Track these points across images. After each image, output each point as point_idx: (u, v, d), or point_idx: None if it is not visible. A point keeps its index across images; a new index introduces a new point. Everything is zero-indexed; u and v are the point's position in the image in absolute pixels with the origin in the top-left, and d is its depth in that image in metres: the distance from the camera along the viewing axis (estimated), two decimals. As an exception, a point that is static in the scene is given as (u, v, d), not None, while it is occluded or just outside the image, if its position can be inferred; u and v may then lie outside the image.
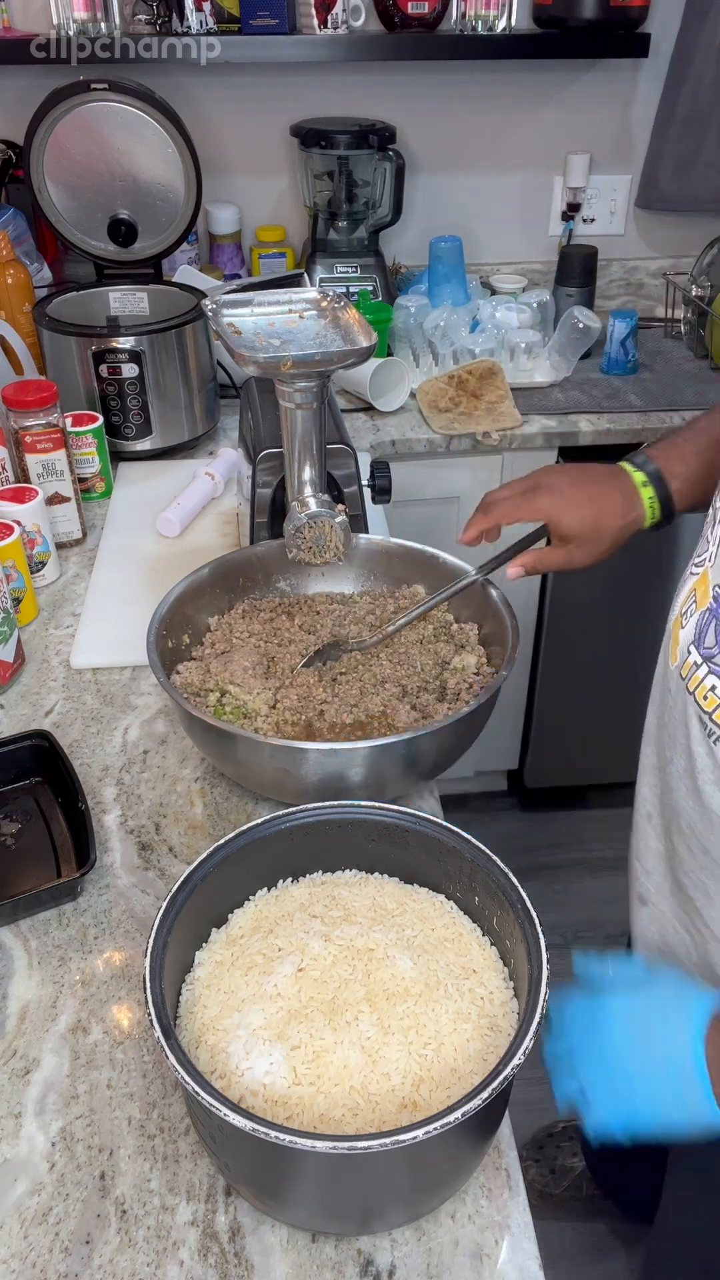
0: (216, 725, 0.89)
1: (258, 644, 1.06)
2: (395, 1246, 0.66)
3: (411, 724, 0.95)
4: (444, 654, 1.05)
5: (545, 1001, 0.63)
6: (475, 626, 1.07)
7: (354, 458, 1.20)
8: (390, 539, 1.15)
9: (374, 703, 0.98)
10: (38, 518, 1.29)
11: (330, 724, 0.96)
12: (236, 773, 0.98)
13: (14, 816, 0.99)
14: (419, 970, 0.70)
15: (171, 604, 1.04)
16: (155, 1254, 0.66)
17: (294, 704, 0.98)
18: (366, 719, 0.96)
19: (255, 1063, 0.65)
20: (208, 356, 1.66)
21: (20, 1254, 0.66)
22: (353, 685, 1.01)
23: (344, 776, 0.89)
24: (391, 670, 1.03)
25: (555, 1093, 0.73)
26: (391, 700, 0.98)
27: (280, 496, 1.17)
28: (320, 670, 1.03)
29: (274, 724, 0.97)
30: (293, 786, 0.92)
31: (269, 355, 0.92)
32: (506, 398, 1.85)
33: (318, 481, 1.04)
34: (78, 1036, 0.79)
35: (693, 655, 0.80)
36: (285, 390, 0.97)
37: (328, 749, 0.88)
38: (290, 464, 1.03)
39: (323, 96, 2.05)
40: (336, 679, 1.02)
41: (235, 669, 1.01)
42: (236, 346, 0.93)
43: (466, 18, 1.93)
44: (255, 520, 1.19)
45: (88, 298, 1.70)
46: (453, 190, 2.21)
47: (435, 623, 1.09)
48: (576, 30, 1.94)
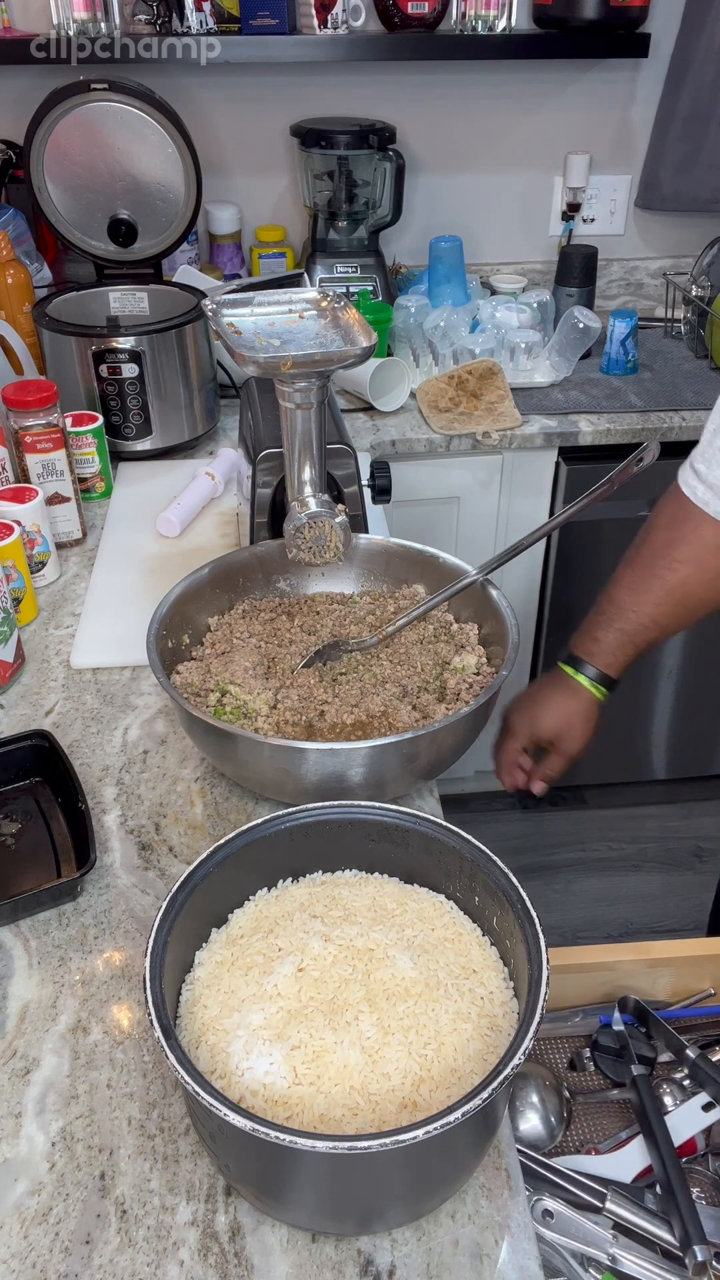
0: (217, 725, 0.89)
1: (259, 644, 1.06)
2: (395, 1246, 0.66)
3: (412, 724, 0.95)
4: (444, 654, 1.05)
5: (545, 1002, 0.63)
6: (475, 626, 1.07)
7: (354, 457, 1.20)
8: (390, 539, 1.15)
9: (375, 703, 0.98)
10: (38, 518, 1.29)
11: (331, 724, 0.96)
12: (236, 773, 0.98)
13: (14, 816, 0.99)
14: (419, 970, 0.70)
15: (171, 604, 1.04)
16: (155, 1254, 0.66)
17: (295, 704, 0.98)
18: (367, 719, 0.96)
19: (255, 1063, 0.65)
20: (208, 356, 1.66)
21: (20, 1254, 0.66)
22: (353, 685, 1.01)
23: (344, 776, 0.89)
24: (392, 670, 1.03)
25: None
26: (392, 700, 0.98)
27: (280, 496, 1.17)
28: (321, 670, 1.03)
29: (274, 724, 0.96)
30: (292, 786, 0.92)
31: (269, 355, 0.92)
32: (506, 398, 1.85)
33: (318, 481, 1.04)
34: (78, 1036, 0.79)
35: None
36: (285, 390, 0.97)
37: (327, 749, 0.88)
38: (290, 464, 1.03)
39: (323, 96, 2.05)
40: (337, 679, 1.02)
41: (236, 669, 1.01)
42: (237, 346, 0.93)
43: (466, 18, 1.93)
44: (255, 520, 1.19)
45: (88, 298, 1.70)
46: (453, 190, 2.21)
47: (435, 623, 1.09)
48: (576, 30, 1.94)
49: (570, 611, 2.02)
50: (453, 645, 1.06)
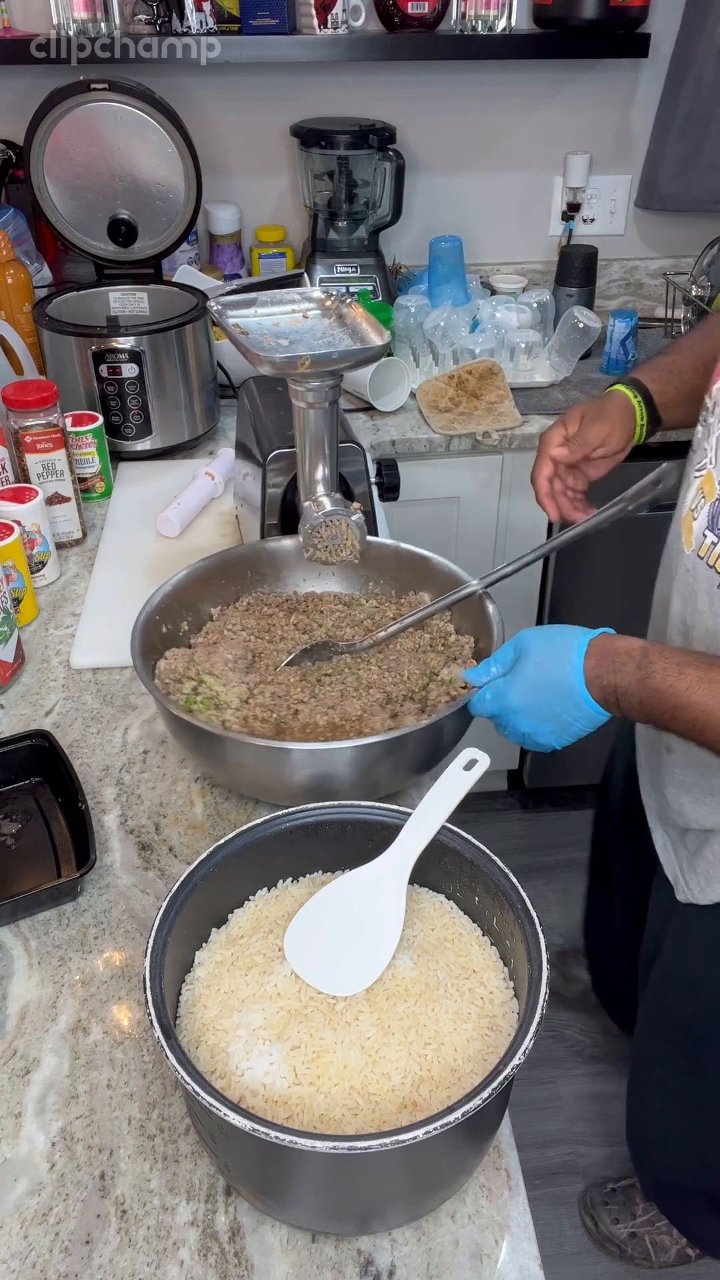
0: (172, 711, 0.90)
1: (248, 638, 1.06)
2: (395, 1246, 0.66)
3: (382, 731, 0.94)
4: (434, 664, 1.03)
5: (548, 978, 0.63)
6: (472, 640, 1.06)
7: (363, 455, 1.19)
8: (403, 544, 1.13)
9: (353, 707, 0.97)
10: (38, 518, 1.29)
11: (304, 724, 0.96)
12: (207, 767, 0.98)
13: (14, 816, 0.99)
14: (419, 970, 0.70)
15: (167, 594, 1.05)
16: (155, 1254, 0.66)
17: (268, 701, 0.98)
18: (341, 722, 0.95)
19: (255, 1063, 0.65)
20: (208, 356, 1.66)
21: (20, 1254, 0.66)
22: (334, 688, 1.00)
23: (284, 779, 0.89)
24: (379, 676, 1.02)
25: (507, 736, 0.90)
26: (372, 706, 0.97)
27: (291, 497, 1.16)
28: (306, 670, 1.03)
29: (243, 718, 0.96)
30: (248, 780, 0.93)
31: (285, 355, 0.92)
32: (506, 398, 1.85)
33: (331, 480, 1.04)
34: (78, 1036, 0.79)
35: (709, 538, 0.95)
36: (298, 390, 0.97)
37: (275, 747, 0.87)
38: (303, 463, 1.03)
39: (323, 96, 2.05)
40: (320, 680, 1.02)
41: (216, 660, 1.01)
42: (252, 347, 0.93)
43: (466, 18, 1.93)
44: (266, 522, 1.18)
45: (88, 298, 1.70)
46: (453, 190, 2.21)
47: (434, 632, 1.07)
48: (576, 30, 1.94)
49: (570, 612, 2.02)
50: (445, 656, 1.04)
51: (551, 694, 0.84)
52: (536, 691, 0.85)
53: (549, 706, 0.84)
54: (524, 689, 0.85)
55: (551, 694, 0.84)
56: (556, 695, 0.84)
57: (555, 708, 0.84)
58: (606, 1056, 1.84)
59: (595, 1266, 1.56)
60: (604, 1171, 1.67)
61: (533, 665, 0.85)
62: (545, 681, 0.84)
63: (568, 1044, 1.87)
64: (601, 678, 0.82)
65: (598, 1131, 1.73)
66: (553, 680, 0.84)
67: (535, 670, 0.85)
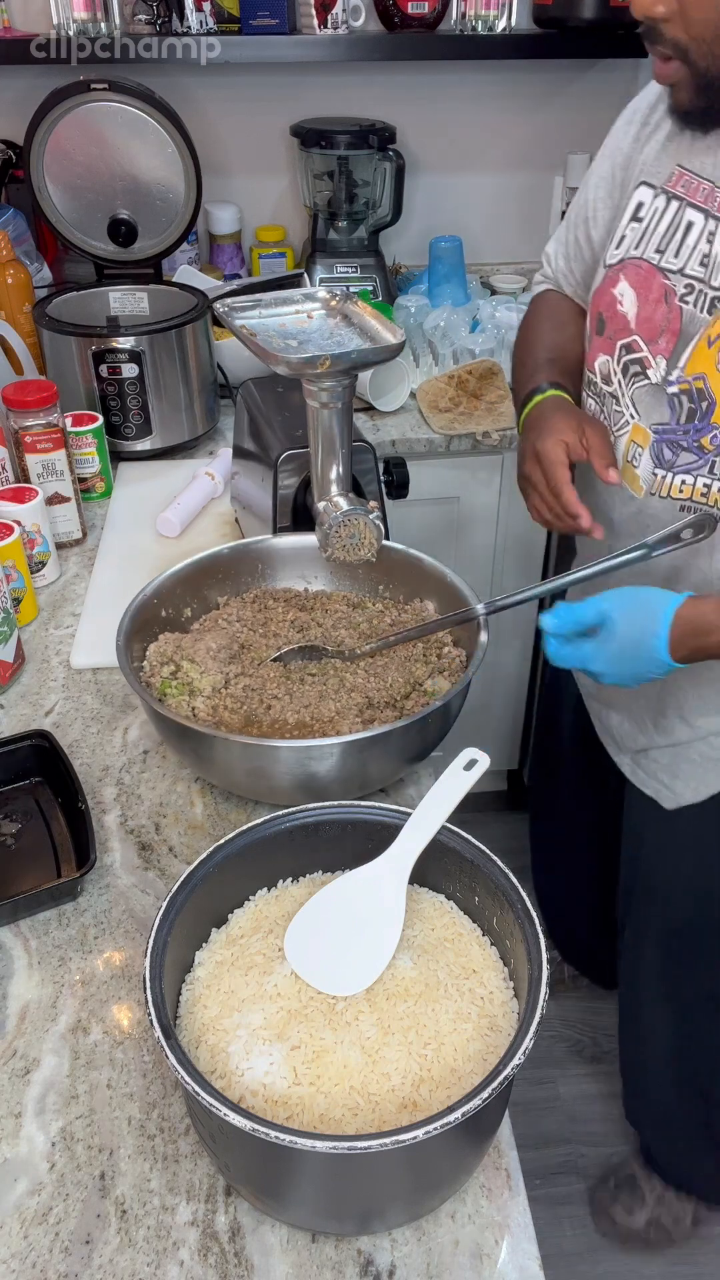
0: (138, 690, 0.91)
1: (240, 630, 1.06)
2: (395, 1246, 0.66)
3: None
4: (419, 674, 1.02)
5: (549, 969, 0.63)
6: (464, 654, 1.04)
7: (373, 453, 1.19)
8: (424, 556, 1.11)
9: (328, 709, 0.96)
10: (38, 518, 1.29)
11: (273, 720, 0.96)
12: (183, 756, 1.00)
13: (14, 816, 0.99)
14: (419, 970, 0.70)
15: (162, 582, 1.06)
16: (155, 1254, 0.66)
17: (239, 693, 0.98)
18: (311, 722, 0.95)
19: (255, 1063, 0.65)
20: (208, 357, 1.66)
21: (20, 1254, 0.66)
22: (315, 688, 1.00)
23: (234, 769, 0.92)
24: (363, 681, 1.01)
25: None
26: (348, 710, 0.97)
27: (302, 498, 1.16)
28: (291, 668, 1.03)
29: (212, 707, 0.96)
30: (216, 770, 0.95)
31: (302, 355, 0.92)
32: (506, 398, 1.85)
33: (345, 480, 1.04)
34: (78, 1036, 0.79)
35: (659, 475, 1.01)
36: (312, 390, 0.97)
37: (232, 740, 0.88)
38: (316, 463, 1.03)
39: (323, 96, 2.05)
40: (304, 679, 1.02)
41: (200, 647, 1.01)
42: (269, 349, 0.93)
43: (466, 18, 1.92)
44: (279, 524, 1.18)
45: (88, 298, 1.70)
46: (453, 190, 2.21)
47: (428, 641, 1.05)
48: (576, 30, 1.93)
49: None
50: (433, 667, 1.02)
51: (636, 664, 0.91)
52: (621, 662, 0.92)
53: (631, 670, 0.92)
54: (609, 658, 0.92)
55: (636, 664, 0.91)
56: (641, 664, 0.91)
57: (638, 670, 0.92)
58: (606, 1056, 1.84)
59: (595, 1267, 1.56)
60: (604, 1171, 1.67)
61: (617, 639, 0.91)
62: (630, 654, 0.91)
63: (568, 1044, 1.87)
64: (687, 642, 0.89)
65: (598, 1131, 1.73)
66: (639, 653, 0.91)
67: (620, 642, 0.91)
